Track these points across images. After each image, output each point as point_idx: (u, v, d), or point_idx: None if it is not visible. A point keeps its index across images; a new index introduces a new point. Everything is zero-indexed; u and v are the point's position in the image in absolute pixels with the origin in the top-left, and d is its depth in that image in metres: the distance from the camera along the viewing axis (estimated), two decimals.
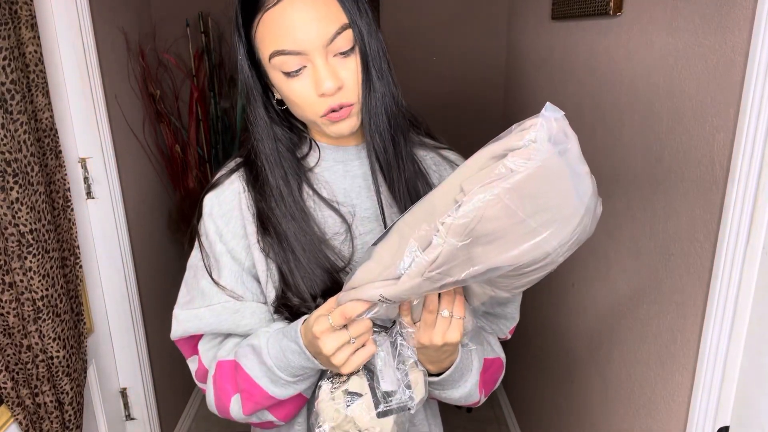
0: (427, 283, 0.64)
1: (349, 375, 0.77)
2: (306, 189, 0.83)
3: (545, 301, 1.90)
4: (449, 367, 0.80)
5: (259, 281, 0.84)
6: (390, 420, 0.76)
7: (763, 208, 0.82)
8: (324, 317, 0.70)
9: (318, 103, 0.74)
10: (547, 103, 0.60)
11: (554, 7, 1.72)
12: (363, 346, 0.73)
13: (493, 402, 2.57)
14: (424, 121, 0.92)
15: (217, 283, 0.83)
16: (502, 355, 0.92)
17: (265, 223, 0.81)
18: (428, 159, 0.90)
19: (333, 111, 0.74)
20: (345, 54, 0.73)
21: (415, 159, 0.86)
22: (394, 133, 0.81)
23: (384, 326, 0.78)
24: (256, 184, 0.83)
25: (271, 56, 0.73)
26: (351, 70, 0.74)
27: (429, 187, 0.85)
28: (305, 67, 0.73)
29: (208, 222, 0.84)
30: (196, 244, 0.86)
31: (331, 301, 0.72)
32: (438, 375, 0.82)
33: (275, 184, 0.81)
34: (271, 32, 0.71)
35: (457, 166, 0.79)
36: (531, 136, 0.59)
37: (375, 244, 0.70)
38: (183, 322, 0.84)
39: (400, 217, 0.68)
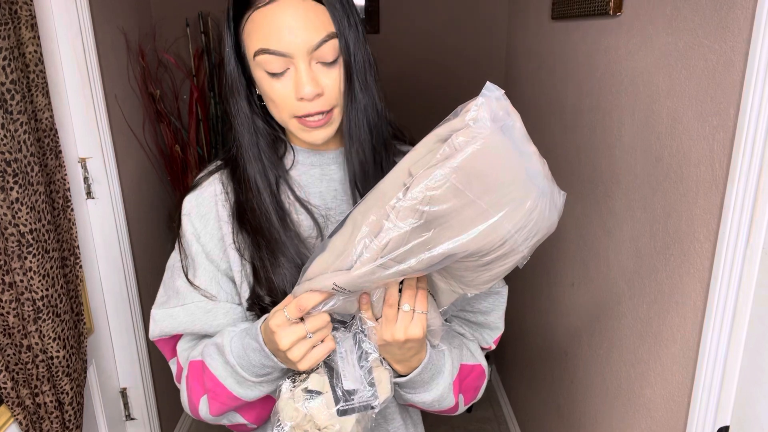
0: (381, 270, 0.62)
1: (309, 373, 0.75)
2: (283, 186, 0.84)
3: (545, 300, 1.90)
4: (418, 367, 0.79)
5: (234, 282, 0.84)
6: (351, 419, 0.73)
7: (763, 208, 0.82)
8: (281, 311, 0.70)
9: (295, 106, 0.74)
10: (487, 83, 0.61)
11: (554, 7, 1.72)
12: (322, 342, 0.71)
13: (493, 402, 2.57)
14: (409, 133, 0.92)
15: (191, 283, 0.83)
16: (484, 363, 0.90)
17: (241, 216, 0.82)
18: None
19: (309, 116, 0.75)
20: (329, 63, 0.74)
21: None
22: (375, 143, 0.81)
23: (343, 322, 0.76)
24: (235, 176, 0.83)
25: (256, 54, 0.73)
26: (333, 79, 0.74)
27: None
28: (288, 69, 0.73)
29: (186, 222, 0.84)
30: (177, 245, 0.87)
31: (290, 296, 0.71)
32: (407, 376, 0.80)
33: (253, 177, 0.81)
34: (259, 30, 0.72)
35: None
36: (472, 115, 0.59)
37: (331, 236, 0.69)
38: (159, 321, 0.84)
39: (354, 207, 0.68)
